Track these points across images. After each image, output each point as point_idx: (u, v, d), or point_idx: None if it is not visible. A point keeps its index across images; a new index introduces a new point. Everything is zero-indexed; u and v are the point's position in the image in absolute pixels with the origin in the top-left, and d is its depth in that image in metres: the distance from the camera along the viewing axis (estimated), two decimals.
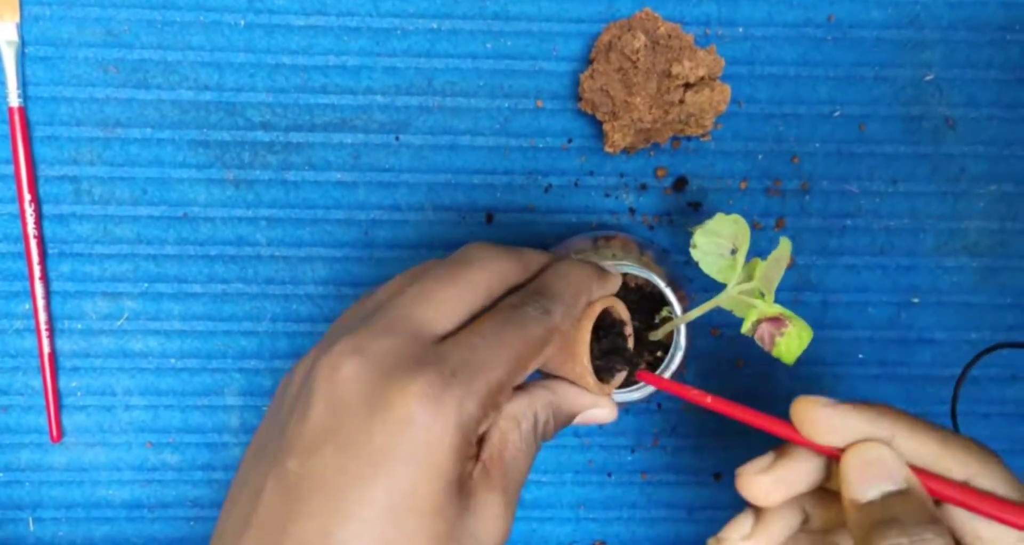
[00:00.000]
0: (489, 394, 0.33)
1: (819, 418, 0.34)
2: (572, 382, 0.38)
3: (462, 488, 0.33)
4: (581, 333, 0.37)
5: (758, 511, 0.37)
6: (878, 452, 0.33)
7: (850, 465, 0.33)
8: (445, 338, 0.34)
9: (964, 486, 0.33)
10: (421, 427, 0.31)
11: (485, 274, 0.35)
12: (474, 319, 0.35)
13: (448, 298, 0.34)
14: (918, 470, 0.33)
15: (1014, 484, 0.33)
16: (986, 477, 0.33)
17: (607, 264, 0.41)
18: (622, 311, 0.40)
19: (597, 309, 0.38)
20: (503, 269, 0.36)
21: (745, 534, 0.36)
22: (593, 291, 0.37)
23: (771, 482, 0.35)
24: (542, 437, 0.36)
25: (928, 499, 0.33)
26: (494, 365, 0.33)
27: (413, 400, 0.31)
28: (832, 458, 0.34)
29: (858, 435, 0.33)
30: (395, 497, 0.31)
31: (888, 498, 0.32)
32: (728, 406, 0.36)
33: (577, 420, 0.38)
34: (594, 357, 0.40)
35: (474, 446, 0.34)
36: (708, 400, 0.37)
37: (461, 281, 0.35)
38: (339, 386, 0.32)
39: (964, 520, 0.33)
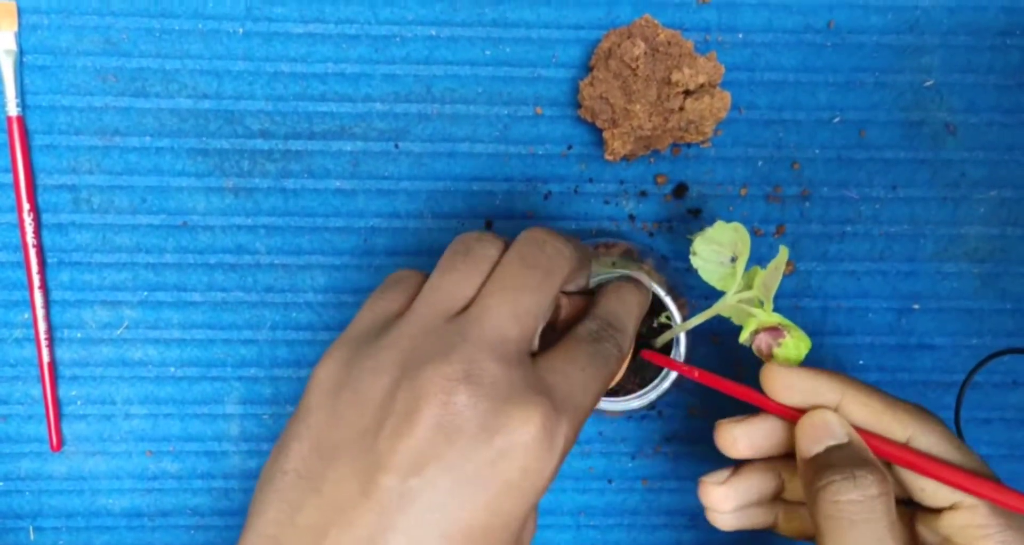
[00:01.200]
0: (581, 426, 0.35)
1: (779, 377, 0.39)
2: None
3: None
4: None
5: (738, 466, 0.42)
6: (823, 416, 0.38)
7: (801, 429, 0.39)
8: (535, 355, 0.35)
9: (902, 445, 0.38)
10: (535, 455, 0.32)
11: (560, 279, 0.36)
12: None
13: (534, 310, 0.35)
14: (861, 431, 0.38)
15: (951, 442, 0.38)
16: (925, 436, 0.38)
17: (639, 275, 0.42)
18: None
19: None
20: (574, 266, 0.37)
21: (721, 481, 0.41)
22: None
23: (739, 433, 0.41)
24: None
25: (866, 449, 0.38)
26: (587, 400, 0.35)
27: (533, 429, 0.32)
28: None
29: (812, 393, 0.39)
30: (494, 519, 0.32)
31: (830, 450, 0.37)
32: (712, 379, 0.41)
33: None
34: None
35: None
36: (696, 374, 0.41)
37: (542, 288, 0.36)
38: (453, 411, 0.32)
39: (910, 473, 0.38)
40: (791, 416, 0.39)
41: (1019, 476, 0.52)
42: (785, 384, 0.39)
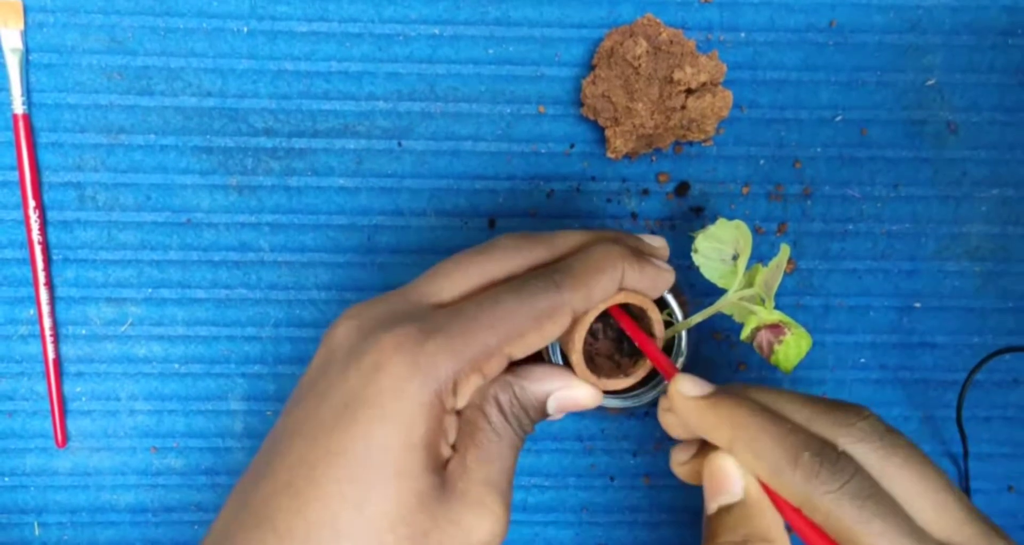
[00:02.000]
0: (470, 358, 0.32)
1: (677, 406, 0.36)
2: (544, 364, 0.38)
3: (436, 462, 0.32)
4: (587, 316, 0.36)
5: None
6: (720, 463, 0.34)
7: (704, 478, 0.35)
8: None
9: (795, 511, 0.32)
10: (389, 375, 0.31)
11: (506, 255, 0.35)
12: None
13: (459, 276, 0.35)
14: (763, 484, 0.33)
15: (847, 508, 0.32)
16: (823, 504, 0.32)
17: (654, 242, 0.40)
18: (652, 312, 0.39)
19: (619, 298, 0.37)
20: (527, 252, 0.36)
21: (683, 461, 0.38)
22: (622, 275, 0.36)
23: (667, 421, 0.37)
24: (516, 424, 0.35)
25: (761, 513, 0.33)
26: (480, 329, 0.33)
27: (386, 349, 0.32)
28: None
29: (703, 430, 0.35)
30: (360, 450, 0.31)
31: (722, 511, 0.33)
32: (648, 346, 0.37)
33: (558, 406, 0.37)
34: (601, 350, 0.40)
35: (450, 415, 0.33)
36: (639, 341, 0.38)
37: (478, 262, 0.35)
38: (331, 342, 0.34)
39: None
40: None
41: (1021, 475, 0.52)
42: (685, 415, 0.35)
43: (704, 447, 0.37)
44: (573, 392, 0.37)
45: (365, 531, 0.31)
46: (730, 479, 0.33)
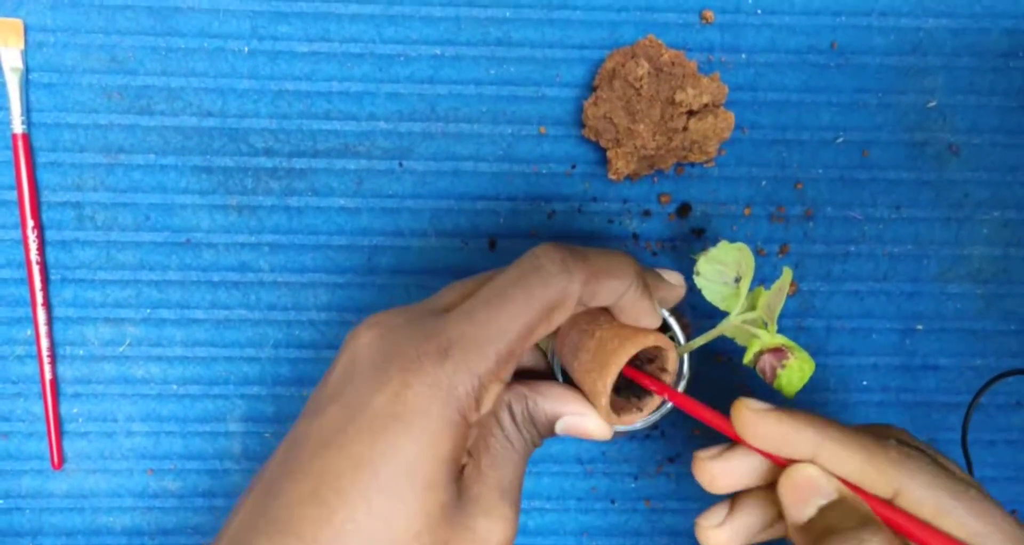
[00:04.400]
0: (488, 371, 0.33)
1: (748, 422, 0.35)
2: (561, 386, 0.38)
3: (457, 473, 0.34)
4: (619, 355, 0.36)
5: (732, 503, 0.38)
6: (805, 472, 0.34)
7: (784, 490, 0.35)
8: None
9: (886, 503, 0.33)
10: (416, 396, 0.32)
11: (543, 291, 0.34)
12: None
13: (473, 284, 0.36)
14: (846, 483, 0.34)
15: (943, 488, 0.33)
16: (913, 488, 0.33)
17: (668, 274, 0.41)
18: (670, 360, 0.39)
19: (650, 340, 0.37)
20: (560, 289, 0.35)
21: (718, 522, 0.38)
22: (631, 285, 0.36)
23: (718, 470, 0.37)
24: (527, 434, 0.36)
25: (861, 502, 0.34)
26: (494, 337, 0.33)
27: (409, 372, 0.32)
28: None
29: (784, 442, 0.35)
30: (388, 463, 0.32)
31: (824, 511, 0.33)
32: (687, 403, 0.37)
33: (566, 429, 0.37)
34: (620, 387, 0.39)
35: (473, 427, 0.34)
36: (669, 396, 0.38)
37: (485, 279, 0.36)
38: (355, 351, 0.34)
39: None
40: (773, 459, 0.36)
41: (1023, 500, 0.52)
42: (755, 432, 0.35)
43: (736, 502, 0.38)
44: (586, 422, 0.37)
45: (391, 541, 0.31)
46: (821, 481, 0.34)
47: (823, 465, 0.34)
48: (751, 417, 0.35)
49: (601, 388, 0.36)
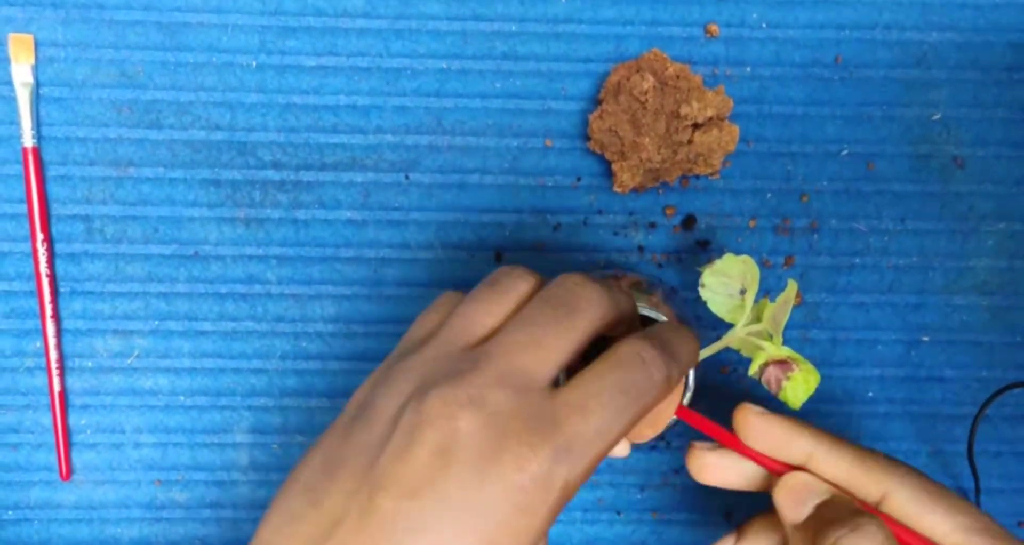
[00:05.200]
0: (592, 467, 0.32)
1: (750, 424, 0.38)
2: None
3: None
4: (672, 401, 0.40)
5: (739, 533, 0.41)
6: (799, 478, 0.37)
7: (780, 495, 0.38)
8: (555, 385, 0.33)
9: (873, 508, 0.37)
10: (528, 496, 0.31)
11: (588, 320, 0.34)
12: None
13: (558, 347, 0.34)
14: (837, 488, 0.37)
15: (930, 494, 0.36)
16: (900, 492, 0.36)
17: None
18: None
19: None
20: (605, 313, 0.35)
21: None
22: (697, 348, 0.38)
23: (711, 460, 0.40)
24: None
25: (851, 499, 0.37)
26: (603, 440, 0.32)
27: (530, 470, 0.31)
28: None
29: (782, 442, 0.38)
30: None
31: (819, 508, 0.36)
32: (694, 418, 0.39)
33: None
34: None
35: None
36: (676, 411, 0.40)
37: (569, 328, 0.34)
38: (453, 437, 0.31)
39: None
40: (768, 466, 0.39)
41: None
42: (755, 434, 0.38)
43: (742, 531, 0.41)
44: (620, 449, 0.39)
45: None
46: (814, 483, 0.37)
47: (816, 469, 0.37)
48: (752, 420, 0.38)
49: (650, 434, 0.40)
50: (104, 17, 0.48)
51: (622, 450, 0.39)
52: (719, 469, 0.40)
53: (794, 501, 0.37)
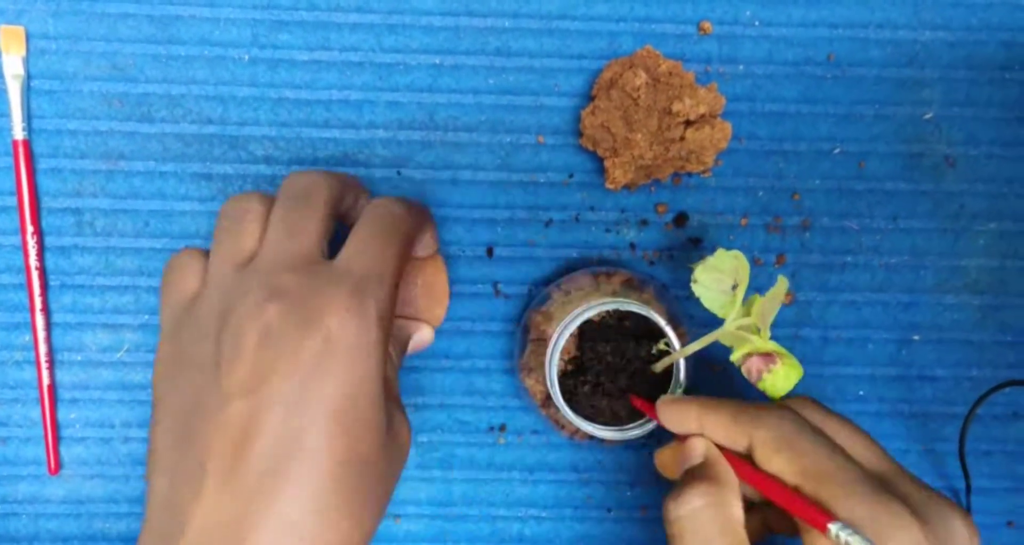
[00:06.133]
0: (392, 291, 0.38)
1: (661, 409, 0.42)
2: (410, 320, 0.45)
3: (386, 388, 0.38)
4: (442, 277, 0.45)
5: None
6: (690, 441, 0.41)
7: (679, 459, 0.41)
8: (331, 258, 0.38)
9: (742, 461, 0.39)
10: (355, 332, 0.36)
11: (324, 198, 0.40)
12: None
13: (309, 228, 0.39)
14: (723, 450, 0.40)
15: (782, 440, 0.38)
16: (763, 434, 0.38)
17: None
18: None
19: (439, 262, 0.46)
20: (331, 188, 0.40)
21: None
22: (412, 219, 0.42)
23: (666, 458, 0.43)
24: (396, 351, 0.43)
25: (716, 464, 0.39)
26: (385, 265, 0.38)
27: (342, 310, 0.35)
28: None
29: (681, 420, 0.41)
30: (349, 400, 0.35)
31: (684, 474, 0.40)
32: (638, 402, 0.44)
33: (412, 346, 0.45)
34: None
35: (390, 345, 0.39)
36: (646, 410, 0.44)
37: (311, 210, 0.39)
38: (269, 326, 0.35)
39: None
40: (682, 440, 0.42)
41: (1021, 509, 0.52)
42: (666, 413, 0.42)
43: None
44: (422, 335, 0.45)
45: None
46: (695, 449, 0.40)
47: (707, 433, 0.40)
48: (661, 406, 0.42)
49: (440, 311, 0.46)
50: (95, 9, 0.48)
51: (427, 335, 0.45)
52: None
53: (679, 465, 0.41)
